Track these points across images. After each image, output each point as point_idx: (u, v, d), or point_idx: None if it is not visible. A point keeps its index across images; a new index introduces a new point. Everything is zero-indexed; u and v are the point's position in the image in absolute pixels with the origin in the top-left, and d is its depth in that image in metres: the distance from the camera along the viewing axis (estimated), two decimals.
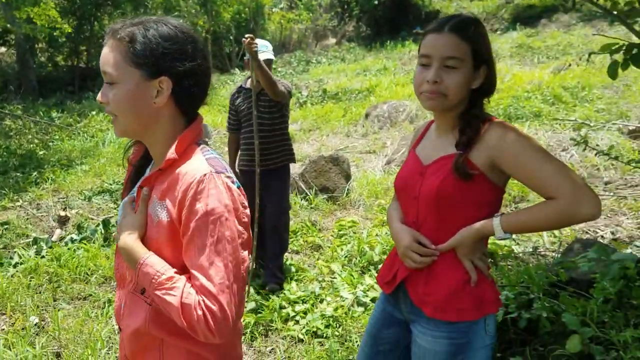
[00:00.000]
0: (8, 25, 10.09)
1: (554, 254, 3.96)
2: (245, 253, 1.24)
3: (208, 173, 1.22)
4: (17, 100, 11.08)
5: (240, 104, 3.81)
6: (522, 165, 1.46)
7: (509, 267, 3.86)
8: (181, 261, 1.24)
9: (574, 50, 11.86)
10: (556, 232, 4.32)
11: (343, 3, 19.75)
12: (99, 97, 1.29)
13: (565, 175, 1.42)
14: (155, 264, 1.22)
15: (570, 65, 9.19)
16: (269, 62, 3.71)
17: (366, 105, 9.52)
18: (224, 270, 1.17)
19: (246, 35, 3.41)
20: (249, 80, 3.75)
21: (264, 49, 3.67)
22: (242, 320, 1.51)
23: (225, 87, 13.51)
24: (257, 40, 3.54)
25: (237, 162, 3.94)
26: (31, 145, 8.39)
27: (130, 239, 1.27)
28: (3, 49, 13.85)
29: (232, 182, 1.26)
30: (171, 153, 1.26)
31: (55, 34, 11.00)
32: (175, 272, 1.21)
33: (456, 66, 1.50)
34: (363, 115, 8.98)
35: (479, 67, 1.53)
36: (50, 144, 8.60)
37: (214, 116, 10.31)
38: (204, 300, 1.14)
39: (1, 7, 10.49)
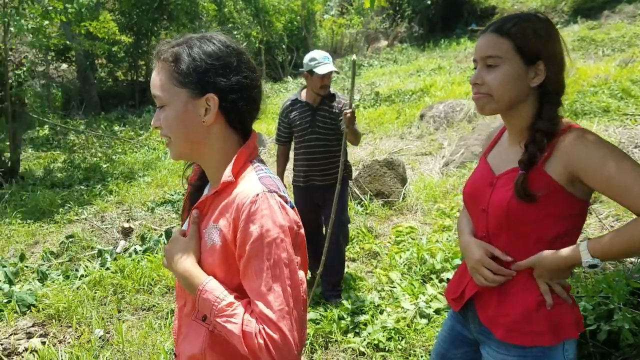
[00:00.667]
0: (68, 42, 10.50)
1: (633, 259, 3.70)
2: (302, 274, 1.19)
3: (261, 193, 1.17)
4: (79, 115, 11.54)
5: (296, 117, 3.65)
6: (607, 178, 1.31)
7: (585, 275, 3.64)
8: (235, 283, 1.20)
9: None
10: None
11: (395, 5, 19.55)
12: (153, 121, 1.27)
13: None
14: (215, 290, 1.18)
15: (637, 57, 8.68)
16: (330, 74, 3.56)
17: (420, 106, 9.34)
18: (283, 295, 1.12)
19: (348, 111, 3.33)
20: (304, 92, 3.68)
21: (326, 60, 3.49)
22: None
23: (278, 95, 13.62)
24: (316, 53, 3.50)
25: (291, 177, 3.84)
26: (95, 159, 8.69)
27: (187, 263, 1.23)
28: (64, 66, 14.48)
29: (286, 201, 1.21)
30: (227, 176, 1.22)
31: (114, 49, 11.39)
32: (236, 297, 1.17)
33: (496, 64, 1.42)
34: (417, 116, 8.81)
35: (532, 62, 1.41)
36: (113, 157, 8.88)
37: (268, 124, 10.38)
38: (264, 329, 1.10)
39: (61, 25, 10.97)
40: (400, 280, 3.87)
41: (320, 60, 3.41)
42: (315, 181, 3.68)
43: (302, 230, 1.23)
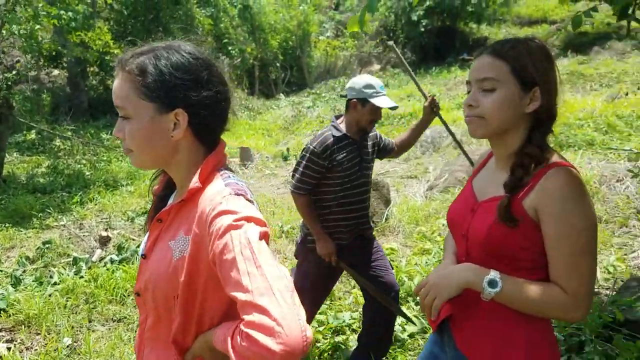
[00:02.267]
0: (59, 48, 10.47)
1: (608, 291, 3.71)
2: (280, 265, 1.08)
3: (227, 195, 1.13)
4: (67, 121, 11.46)
5: (344, 158, 2.78)
6: (555, 238, 1.30)
7: None
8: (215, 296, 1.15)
9: (628, 78, 11.44)
10: (610, 268, 4.05)
11: (389, 31, 19.79)
12: (115, 131, 1.22)
13: (587, 279, 1.30)
14: (219, 334, 1.09)
15: (627, 94, 8.84)
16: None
17: None
18: (258, 272, 0.98)
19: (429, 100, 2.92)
20: (342, 123, 2.89)
21: (383, 91, 2.86)
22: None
23: (270, 111, 13.65)
24: (372, 79, 2.86)
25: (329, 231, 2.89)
26: (79, 166, 8.61)
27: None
28: (55, 72, 14.43)
29: (253, 204, 1.18)
30: (194, 182, 1.18)
31: (106, 57, 11.39)
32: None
33: (493, 87, 1.38)
34: None
35: (528, 87, 1.37)
36: (98, 164, 8.81)
37: (258, 139, 10.39)
38: (243, 318, 0.95)
39: (54, 31, 10.94)
40: None
41: (378, 90, 2.82)
42: (364, 232, 2.97)
43: (269, 231, 1.15)
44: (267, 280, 0.96)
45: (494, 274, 1.34)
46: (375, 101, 2.77)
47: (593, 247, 1.31)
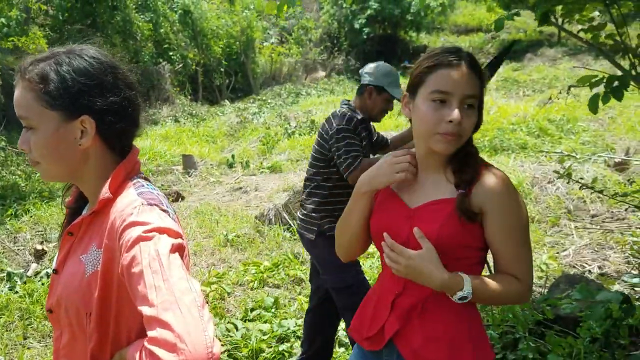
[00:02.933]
0: None
1: (540, 289, 3.88)
2: (192, 280, 1.02)
3: (139, 205, 1.09)
4: (1, 131, 10.96)
5: (364, 139, 2.80)
6: (504, 232, 1.40)
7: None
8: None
9: (559, 83, 12.02)
10: (543, 266, 4.24)
11: (332, 38, 20.01)
12: (19, 143, 1.17)
13: (531, 265, 1.45)
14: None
15: (555, 98, 9.29)
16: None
17: None
18: (164, 285, 0.94)
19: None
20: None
21: (400, 83, 2.74)
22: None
23: (214, 118, 13.49)
24: (391, 68, 2.78)
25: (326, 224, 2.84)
26: (13, 177, 8.24)
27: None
28: None
29: (168, 215, 1.13)
30: (105, 192, 1.14)
31: None
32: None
33: (474, 105, 1.39)
34: None
35: (481, 104, 1.44)
36: (33, 175, 8.45)
37: (201, 146, 10.26)
38: (147, 335, 0.91)
39: None
40: None
41: (396, 81, 2.74)
42: None
43: (185, 243, 1.12)
44: (173, 294, 0.93)
45: (466, 291, 1.35)
46: (392, 91, 2.70)
47: (529, 237, 1.46)
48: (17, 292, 4.29)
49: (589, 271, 4.25)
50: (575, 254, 4.55)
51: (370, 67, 2.79)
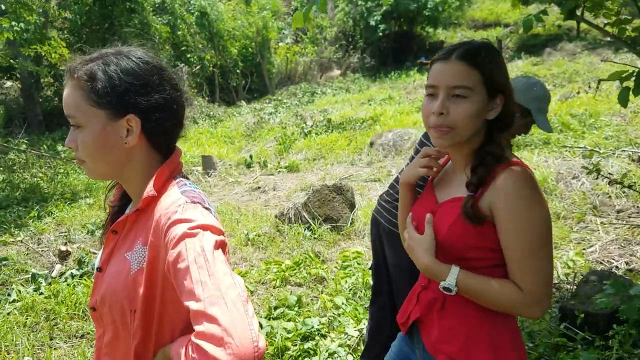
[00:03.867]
0: (12, 61, 10.12)
1: (568, 286, 3.81)
2: (236, 275, 1.03)
3: (183, 203, 1.11)
4: (22, 134, 11.11)
5: None
6: (510, 237, 1.33)
7: None
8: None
9: (579, 78, 11.84)
10: (570, 263, 4.17)
11: (348, 36, 19.95)
12: (66, 142, 1.19)
13: (541, 278, 1.33)
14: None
15: (579, 92, 9.15)
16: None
17: (371, 134, 9.48)
18: (210, 281, 0.95)
19: None
20: None
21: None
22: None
23: (232, 119, 13.54)
24: (546, 90, 2.49)
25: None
26: (35, 179, 8.35)
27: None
28: (8, 84, 14.00)
29: (210, 212, 1.15)
30: (149, 190, 1.15)
31: (61, 68, 11.08)
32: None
33: (465, 95, 1.35)
34: (368, 144, 8.93)
35: (494, 96, 1.38)
36: (55, 177, 8.56)
37: (220, 147, 10.30)
38: (194, 329, 0.92)
39: (7, 42, 10.57)
40: (345, 305, 3.84)
41: (545, 106, 2.45)
42: None
43: (226, 240, 1.12)
44: (219, 289, 0.94)
45: (448, 282, 1.36)
46: (537, 118, 2.40)
47: (547, 247, 1.33)
48: (42, 293, 4.33)
49: (616, 267, 4.17)
50: (601, 250, 4.46)
51: (522, 83, 2.44)
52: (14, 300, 4.24)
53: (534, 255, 1.31)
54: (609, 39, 13.48)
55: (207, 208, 1.14)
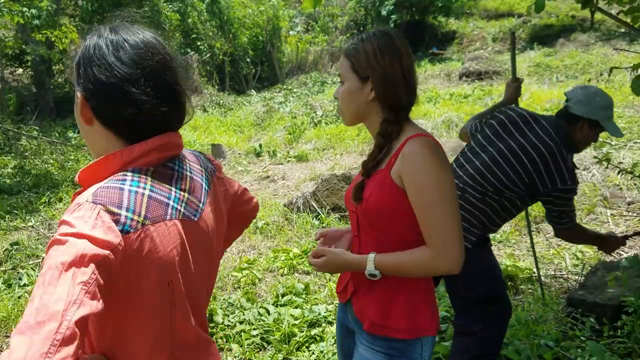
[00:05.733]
0: (23, 47, 10.16)
1: (577, 277, 3.80)
2: (87, 299, 0.88)
3: (83, 202, 0.99)
4: (33, 120, 11.18)
5: None
6: (414, 195, 1.46)
7: (530, 291, 3.71)
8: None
9: (592, 69, 11.71)
10: (579, 254, 4.15)
11: (359, 25, 19.83)
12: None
13: (445, 229, 1.44)
14: None
15: (590, 81, 9.05)
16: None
17: None
18: (36, 303, 0.84)
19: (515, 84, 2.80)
20: None
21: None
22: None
23: (241, 107, 13.54)
24: (610, 99, 2.42)
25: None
26: (46, 165, 8.41)
27: None
28: (20, 70, 14.07)
29: (117, 221, 0.99)
30: (76, 179, 1.13)
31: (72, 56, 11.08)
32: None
33: (342, 81, 1.63)
34: None
35: (365, 80, 1.56)
36: (66, 164, 8.62)
37: (229, 136, 10.32)
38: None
39: (18, 29, 10.61)
40: None
41: (612, 112, 2.41)
42: None
43: (114, 259, 0.96)
44: (38, 315, 0.83)
45: (369, 269, 1.53)
46: (606, 125, 2.37)
47: (448, 205, 1.44)
48: None
49: (626, 259, 4.14)
50: None
51: (583, 94, 2.41)
52: (24, 285, 4.30)
53: (434, 209, 1.44)
54: (623, 30, 13.30)
55: (112, 212, 0.99)
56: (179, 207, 1.12)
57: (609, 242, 2.58)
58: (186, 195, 1.16)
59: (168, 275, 1.08)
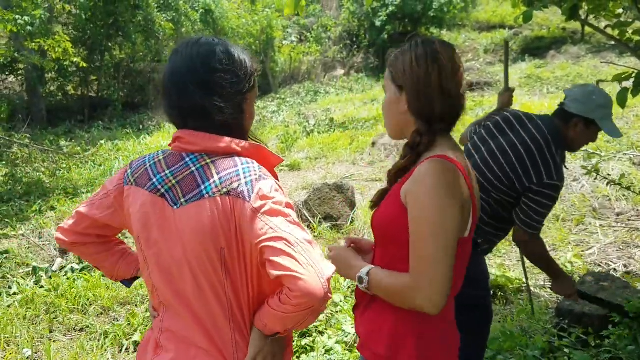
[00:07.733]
0: (16, 55, 10.14)
1: None
2: None
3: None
4: (25, 128, 11.13)
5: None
6: (412, 221, 1.38)
7: (520, 301, 3.74)
8: None
9: (583, 81, 11.82)
10: (568, 265, 4.18)
11: (352, 35, 19.94)
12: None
13: (431, 265, 1.32)
14: None
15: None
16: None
17: (373, 134, 9.49)
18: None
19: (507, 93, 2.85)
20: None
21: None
22: None
23: None
24: (608, 97, 2.41)
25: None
26: (37, 174, 8.38)
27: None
28: (12, 78, 14.02)
29: (125, 171, 1.52)
30: None
31: (65, 63, 11.07)
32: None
33: (385, 91, 1.58)
34: (370, 143, 8.94)
35: (400, 90, 1.52)
36: (57, 172, 8.60)
37: None
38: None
39: (11, 37, 10.58)
40: (343, 302, 3.86)
41: (610, 111, 2.37)
42: None
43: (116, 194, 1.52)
44: None
45: (362, 271, 1.48)
46: (603, 124, 2.32)
47: (440, 238, 1.32)
48: (42, 287, 4.36)
49: (614, 269, 4.18)
50: (600, 252, 4.48)
51: (581, 92, 2.39)
52: (14, 293, 4.28)
53: (422, 241, 1.34)
54: (612, 42, 13.48)
55: (127, 167, 1.54)
56: (159, 187, 1.40)
57: (564, 282, 2.46)
58: (173, 181, 1.39)
59: (136, 230, 1.43)
